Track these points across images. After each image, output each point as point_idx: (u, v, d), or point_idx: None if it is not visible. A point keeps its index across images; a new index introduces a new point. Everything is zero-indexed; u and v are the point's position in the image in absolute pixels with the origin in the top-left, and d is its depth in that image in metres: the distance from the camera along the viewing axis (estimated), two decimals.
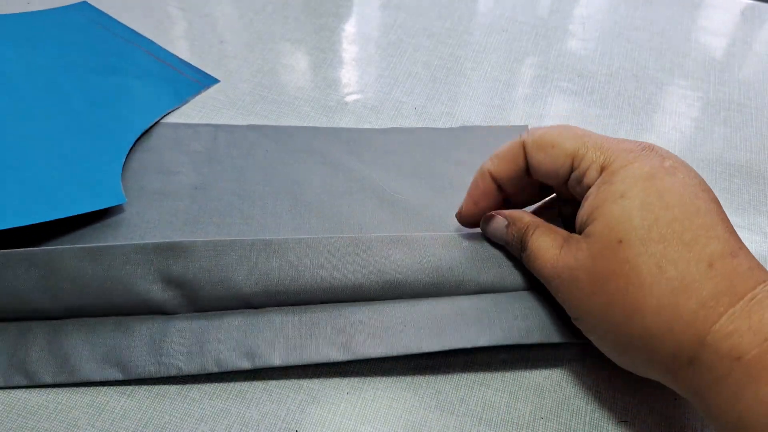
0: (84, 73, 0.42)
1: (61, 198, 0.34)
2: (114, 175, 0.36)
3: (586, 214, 0.25)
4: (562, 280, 0.26)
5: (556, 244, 0.27)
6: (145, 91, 0.41)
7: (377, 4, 0.51)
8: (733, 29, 0.50)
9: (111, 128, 0.38)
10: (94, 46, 0.44)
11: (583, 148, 0.26)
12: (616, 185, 0.25)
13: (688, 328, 0.22)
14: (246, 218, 0.35)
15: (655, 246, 0.23)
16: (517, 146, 0.28)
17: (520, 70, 0.46)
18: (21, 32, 0.44)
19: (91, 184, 0.35)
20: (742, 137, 0.42)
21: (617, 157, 0.25)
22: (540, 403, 0.29)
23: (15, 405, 0.28)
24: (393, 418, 0.28)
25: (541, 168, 0.28)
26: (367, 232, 0.34)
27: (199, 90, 0.42)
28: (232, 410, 0.28)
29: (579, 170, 0.26)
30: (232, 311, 0.29)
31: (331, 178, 0.37)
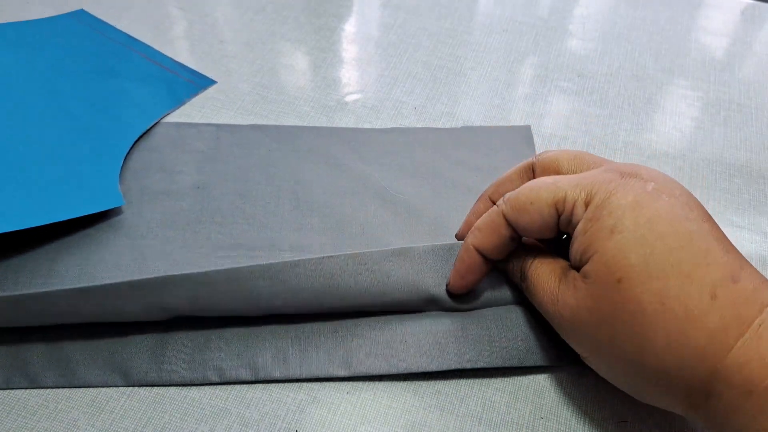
0: (81, 77, 0.42)
1: (59, 201, 0.34)
2: (112, 177, 0.36)
3: (580, 252, 0.25)
4: (564, 319, 0.26)
5: (554, 276, 0.27)
6: (142, 93, 0.42)
7: (377, 4, 0.51)
8: (733, 29, 0.50)
9: (109, 131, 0.39)
10: (91, 51, 0.44)
11: (560, 191, 0.26)
12: (605, 219, 0.24)
13: (700, 362, 0.22)
14: (248, 218, 0.35)
15: (656, 282, 0.23)
16: (497, 217, 0.27)
17: (520, 70, 0.46)
18: (19, 39, 0.45)
19: (89, 187, 0.35)
20: (742, 137, 0.42)
21: (598, 190, 0.25)
22: (540, 403, 0.29)
23: (15, 405, 0.28)
24: (393, 418, 0.28)
25: (530, 228, 0.27)
26: (369, 232, 0.34)
27: (196, 91, 0.42)
28: (232, 410, 0.28)
29: (565, 213, 0.26)
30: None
31: (334, 178, 0.37)
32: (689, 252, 0.23)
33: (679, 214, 0.24)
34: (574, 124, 0.42)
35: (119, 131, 0.39)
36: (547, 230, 0.27)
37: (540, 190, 0.26)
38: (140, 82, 0.42)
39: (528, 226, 0.27)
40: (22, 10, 0.47)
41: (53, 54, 0.44)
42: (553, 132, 0.41)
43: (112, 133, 0.39)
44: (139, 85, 0.42)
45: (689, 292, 0.22)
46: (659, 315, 0.23)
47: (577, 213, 0.25)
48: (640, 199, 0.24)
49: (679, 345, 0.22)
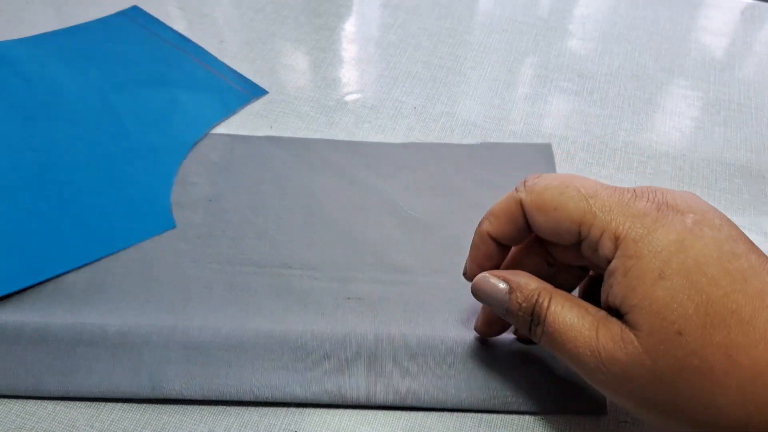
0: (134, 87, 0.41)
1: (113, 229, 0.34)
2: (164, 198, 0.35)
3: (620, 297, 0.22)
4: (612, 376, 0.22)
5: (586, 322, 0.23)
6: (195, 102, 0.41)
7: (377, 4, 0.51)
8: (733, 29, 0.50)
9: (160, 146, 0.38)
10: (143, 56, 0.44)
11: (590, 214, 0.23)
12: (647, 261, 0.22)
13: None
14: (259, 233, 0.34)
15: (719, 333, 0.21)
16: (515, 204, 0.25)
17: (520, 70, 0.46)
18: (71, 47, 0.44)
19: (143, 211, 0.35)
20: (742, 137, 0.42)
21: (633, 225, 0.22)
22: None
23: (14, 405, 0.28)
24: (393, 418, 0.28)
25: (543, 231, 0.25)
26: (382, 251, 0.33)
27: (247, 100, 0.41)
28: (232, 410, 0.28)
29: (590, 239, 0.23)
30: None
31: (348, 193, 0.36)
32: (746, 295, 0.21)
33: (726, 250, 0.22)
34: (574, 124, 0.42)
35: (170, 146, 0.38)
36: (561, 241, 0.24)
37: (569, 201, 0.24)
38: (192, 91, 0.41)
39: (541, 229, 0.25)
40: (23, 10, 0.47)
41: (105, 62, 0.43)
42: (553, 132, 0.41)
43: (163, 149, 0.38)
44: (191, 93, 0.41)
45: (755, 341, 0.21)
46: (726, 369, 0.21)
47: (605, 245, 0.23)
48: (683, 237, 0.22)
49: (747, 402, 0.21)
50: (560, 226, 0.24)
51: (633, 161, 0.39)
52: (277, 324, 0.30)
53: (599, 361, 0.22)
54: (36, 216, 0.34)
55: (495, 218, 0.26)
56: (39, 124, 0.39)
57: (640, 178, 0.38)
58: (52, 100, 0.40)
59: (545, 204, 0.24)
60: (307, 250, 0.33)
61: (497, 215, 0.26)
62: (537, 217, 0.24)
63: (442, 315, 0.31)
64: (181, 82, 0.42)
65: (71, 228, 0.34)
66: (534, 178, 0.25)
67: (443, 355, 0.29)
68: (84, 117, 0.39)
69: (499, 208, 0.26)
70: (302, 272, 0.33)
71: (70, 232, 0.33)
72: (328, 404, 0.28)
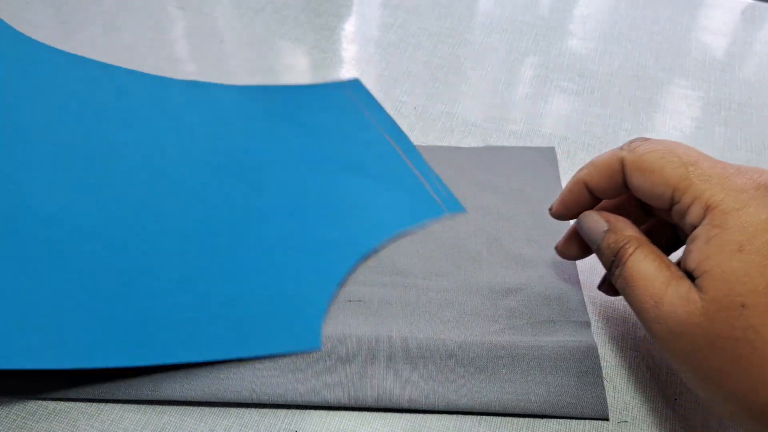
0: (330, 167, 0.36)
1: (253, 332, 0.28)
2: (317, 311, 0.29)
3: (696, 262, 0.23)
4: (666, 329, 0.23)
5: (661, 276, 0.24)
6: (386, 202, 0.34)
7: (377, 4, 0.51)
8: (734, 29, 0.50)
9: (334, 245, 0.32)
10: (350, 136, 0.38)
11: (686, 180, 0.24)
12: (731, 233, 0.22)
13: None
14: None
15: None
16: (616, 161, 0.26)
17: (520, 70, 0.46)
18: (280, 106, 0.39)
19: (290, 320, 0.29)
20: (742, 137, 0.42)
21: (726, 197, 0.23)
22: None
23: (14, 405, 0.28)
24: (393, 419, 0.28)
25: (639, 191, 0.25)
26: (383, 255, 0.33)
27: (439, 214, 0.35)
28: (232, 410, 0.28)
29: (681, 204, 0.24)
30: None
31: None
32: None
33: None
34: (575, 123, 0.42)
35: (342, 250, 0.32)
36: (654, 203, 0.25)
37: (667, 166, 0.24)
38: (388, 189, 0.35)
39: (637, 189, 0.25)
40: (23, 10, 0.47)
41: (308, 132, 0.38)
42: (554, 132, 0.41)
43: (334, 250, 0.32)
44: (385, 191, 0.35)
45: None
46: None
47: (694, 213, 0.23)
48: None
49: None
50: (655, 188, 0.25)
51: None
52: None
53: (659, 314, 0.23)
54: (184, 286, 0.29)
55: (594, 169, 0.27)
56: (219, 178, 0.34)
57: None
58: (241, 155, 0.35)
59: (644, 165, 0.25)
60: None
61: (597, 167, 0.27)
62: (635, 177, 0.25)
63: (443, 317, 0.31)
64: (378, 175, 0.36)
65: (205, 312, 0.28)
66: (640, 141, 0.26)
67: (444, 358, 0.29)
68: (266, 182, 0.34)
69: (601, 161, 0.27)
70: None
71: (200, 318, 0.28)
72: (329, 406, 0.28)
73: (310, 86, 0.42)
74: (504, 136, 0.40)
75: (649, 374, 0.29)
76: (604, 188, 0.27)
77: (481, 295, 0.31)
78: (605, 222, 0.27)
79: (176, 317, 0.28)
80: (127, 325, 0.27)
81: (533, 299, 0.31)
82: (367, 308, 0.31)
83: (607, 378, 0.29)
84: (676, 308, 0.23)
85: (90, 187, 0.31)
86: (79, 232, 0.29)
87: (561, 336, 0.30)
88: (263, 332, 0.28)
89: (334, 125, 0.39)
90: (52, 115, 0.33)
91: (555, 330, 0.30)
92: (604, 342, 0.30)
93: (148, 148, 0.34)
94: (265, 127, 0.37)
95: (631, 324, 0.31)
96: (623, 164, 0.26)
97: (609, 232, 0.27)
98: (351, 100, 0.40)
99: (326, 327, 0.30)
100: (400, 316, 0.31)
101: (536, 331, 0.30)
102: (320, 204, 0.34)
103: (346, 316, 0.31)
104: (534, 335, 0.30)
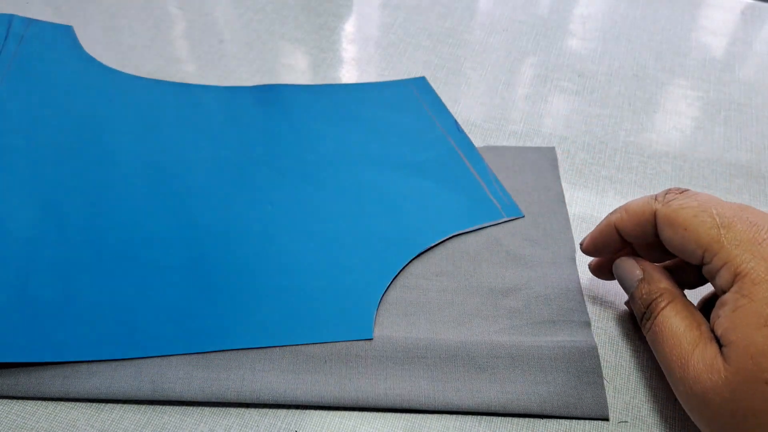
0: (389, 167, 0.37)
1: (312, 320, 0.30)
2: (371, 303, 0.31)
3: (723, 329, 0.23)
4: (691, 392, 0.23)
5: (690, 336, 0.24)
6: (444, 203, 0.35)
7: (377, 4, 0.51)
8: (734, 29, 0.50)
9: (391, 242, 0.33)
10: (412, 136, 0.39)
11: (717, 243, 0.23)
12: (759, 305, 0.22)
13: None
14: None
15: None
16: (649, 212, 0.26)
17: (520, 70, 0.46)
18: (346, 103, 0.41)
19: (346, 310, 0.30)
20: (742, 137, 0.42)
21: (756, 266, 0.22)
22: None
23: (15, 405, 0.28)
24: (393, 419, 0.28)
25: (669, 244, 0.25)
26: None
27: (498, 219, 0.35)
28: (232, 410, 0.28)
29: (710, 266, 0.24)
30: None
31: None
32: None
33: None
34: (575, 123, 0.42)
35: (399, 247, 0.33)
36: (684, 258, 0.25)
37: (700, 226, 0.24)
38: (447, 189, 0.36)
39: (669, 242, 0.25)
40: (23, 10, 0.47)
41: (372, 130, 0.39)
42: (553, 132, 0.41)
43: (391, 247, 0.33)
44: (444, 192, 0.36)
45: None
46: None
47: (723, 277, 0.23)
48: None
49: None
50: (686, 246, 0.25)
51: (633, 161, 0.39)
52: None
53: (684, 376, 0.24)
54: (252, 277, 0.31)
55: (627, 215, 0.27)
56: (281, 173, 0.36)
57: (640, 177, 0.38)
58: (305, 153, 0.37)
59: (677, 221, 0.25)
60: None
61: (630, 213, 0.27)
62: (666, 232, 0.25)
63: (443, 317, 0.31)
64: (438, 176, 0.36)
65: (265, 301, 0.30)
66: (675, 193, 0.26)
67: (444, 358, 0.29)
68: (328, 179, 0.36)
69: (634, 208, 0.27)
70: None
71: (261, 306, 0.30)
72: (329, 406, 0.28)
73: (376, 84, 0.43)
74: (504, 136, 0.40)
75: (649, 374, 0.29)
76: (634, 234, 0.27)
77: (481, 295, 0.31)
78: (641, 270, 0.27)
79: (242, 306, 0.30)
80: (201, 313, 0.30)
81: (533, 299, 0.31)
82: None
83: (607, 378, 0.29)
84: (701, 374, 0.23)
85: (169, 190, 0.35)
86: (158, 232, 0.33)
87: (561, 336, 0.30)
88: (321, 320, 0.30)
89: (398, 124, 0.40)
90: (132, 134, 0.37)
91: (555, 330, 0.30)
92: (604, 342, 0.30)
93: (216, 151, 0.37)
94: (330, 126, 0.39)
95: (631, 324, 0.31)
96: (656, 216, 0.26)
97: (643, 281, 0.27)
98: (415, 99, 0.41)
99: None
100: (400, 315, 0.31)
101: (536, 331, 0.30)
102: (379, 201, 0.35)
103: None
104: (534, 335, 0.30)
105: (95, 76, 0.40)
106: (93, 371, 0.28)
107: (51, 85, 0.38)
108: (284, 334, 0.29)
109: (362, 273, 0.32)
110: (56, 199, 0.34)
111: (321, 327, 0.30)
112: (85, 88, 0.39)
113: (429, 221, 0.34)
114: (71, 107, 0.38)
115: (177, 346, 0.29)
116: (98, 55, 0.43)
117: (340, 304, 0.30)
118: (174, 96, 0.40)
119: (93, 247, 0.32)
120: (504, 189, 0.36)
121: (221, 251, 0.32)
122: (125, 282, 0.31)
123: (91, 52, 0.43)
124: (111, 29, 0.46)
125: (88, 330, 0.29)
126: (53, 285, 0.30)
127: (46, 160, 0.35)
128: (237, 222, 0.33)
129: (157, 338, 0.29)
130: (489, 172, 0.37)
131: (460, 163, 0.37)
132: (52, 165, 0.35)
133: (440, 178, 0.36)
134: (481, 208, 0.35)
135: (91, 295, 0.30)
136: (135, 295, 0.30)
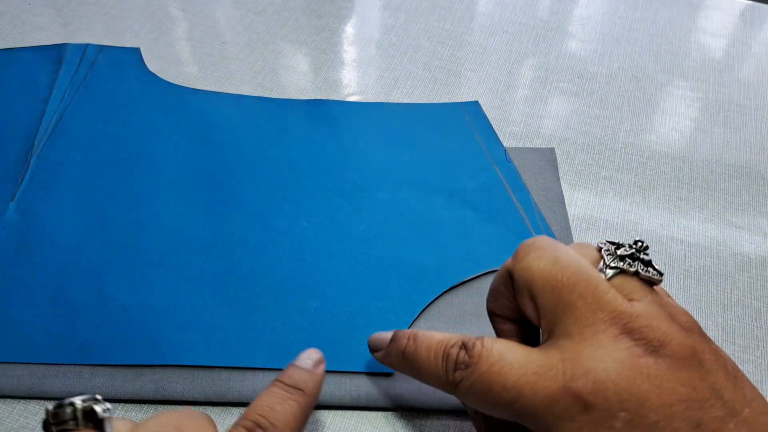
0: (434, 192, 0.36)
1: (334, 346, 0.29)
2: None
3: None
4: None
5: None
6: (484, 236, 0.34)
7: (378, 6, 0.51)
8: (733, 30, 0.51)
9: (426, 272, 0.33)
10: (461, 163, 0.38)
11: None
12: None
13: None
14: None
15: None
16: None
17: (520, 72, 0.46)
18: (401, 127, 0.40)
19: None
20: (741, 138, 0.42)
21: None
22: None
23: (17, 405, 0.28)
24: (393, 419, 0.28)
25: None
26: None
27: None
28: (234, 410, 0.28)
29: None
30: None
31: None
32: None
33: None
34: (574, 125, 0.42)
35: (433, 278, 0.32)
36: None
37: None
38: (489, 221, 0.35)
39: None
40: (25, 12, 0.47)
41: (420, 154, 0.38)
42: (553, 133, 0.41)
43: (426, 277, 0.32)
44: (485, 224, 0.35)
45: None
46: None
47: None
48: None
49: None
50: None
51: (633, 162, 0.40)
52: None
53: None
54: (282, 297, 0.31)
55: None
56: (322, 190, 0.36)
57: (639, 178, 0.39)
58: (349, 173, 0.37)
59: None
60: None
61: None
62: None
63: (443, 317, 0.31)
64: (481, 206, 0.36)
65: (290, 322, 0.30)
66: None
67: None
68: (368, 201, 0.36)
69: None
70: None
71: (286, 327, 0.30)
72: (329, 406, 0.28)
73: (427, 105, 0.42)
74: (504, 137, 0.41)
75: None
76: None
77: (481, 295, 0.31)
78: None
79: (267, 325, 0.30)
80: (226, 328, 0.30)
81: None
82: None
83: None
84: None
85: (212, 201, 0.35)
86: (194, 241, 0.33)
87: None
88: (344, 348, 0.30)
89: (445, 149, 0.39)
90: (181, 145, 0.38)
91: None
92: None
93: (261, 164, 0.38)
94: (376, 146, 0.39)
95: None
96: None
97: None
98: (466, 124, 0.41)
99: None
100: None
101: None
102: (418, 228, 0.34)
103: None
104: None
105: (153, 91, 0.41)
106: (95, 371, 0.28)
107: (112, 101, 0.40)
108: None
109: (392, 302, 0.31)
110: (103, 207, 0.35)
111: (343, 355, 0.29)
112: (143, 103, 0.41)
113: (467, 254, 0.33)
114: (127, 121, 0.39)
115: (199, 357, 0.29)
116: None
117: (365, 335, 0.29)
118: (228, 108, 0.41)
119: (128, 254, 0.32)
120: (546, 223, 0.35)
121: (252, 267, 0.32)
122: (155, 290, 0.31)
123: None
124: (112, 31, 0.47)
125: (114, 334, 0.29)
126: (85, 290, 0.31)
127: (100, 172, 0.36)
128: (272, 237, 0.34)
129: (179, 349, 0.29)
130: (533, 205, 0.36)
131: (504, 194, 0.36)
132: (105, 176, 0.36)
133: (483, 208, 0.36)
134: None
135: (121, 301, 0.31)
136: (163, 305, 0.31)
